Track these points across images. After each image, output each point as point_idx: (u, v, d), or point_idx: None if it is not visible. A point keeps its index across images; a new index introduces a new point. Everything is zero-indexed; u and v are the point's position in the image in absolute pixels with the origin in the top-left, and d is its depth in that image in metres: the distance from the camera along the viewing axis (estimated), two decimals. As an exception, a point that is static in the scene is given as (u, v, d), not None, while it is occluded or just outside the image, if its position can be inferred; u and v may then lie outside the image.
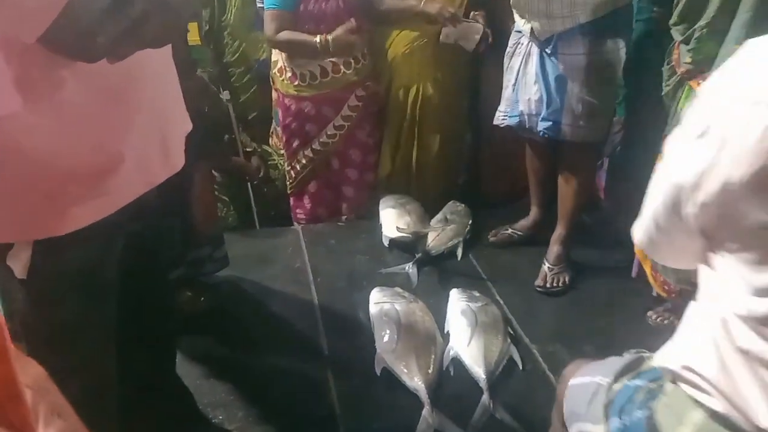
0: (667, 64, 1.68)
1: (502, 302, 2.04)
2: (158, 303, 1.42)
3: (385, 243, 2.35)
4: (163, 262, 1.53)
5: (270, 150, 2.86)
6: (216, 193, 2.87)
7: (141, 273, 1.28)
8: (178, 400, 1.52)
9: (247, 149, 2.89)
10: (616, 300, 2.04)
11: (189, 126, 1.24)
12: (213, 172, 2.80)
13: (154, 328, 1.41)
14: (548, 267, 2.13)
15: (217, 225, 2.14)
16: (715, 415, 0.74)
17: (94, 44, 0.85)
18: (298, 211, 2.64)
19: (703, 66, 1.52)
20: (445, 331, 1.85)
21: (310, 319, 1.98)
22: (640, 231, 0.88)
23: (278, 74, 2.43)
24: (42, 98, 0.89)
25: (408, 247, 2.31)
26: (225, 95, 2.93)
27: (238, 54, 2.90)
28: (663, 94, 1.72)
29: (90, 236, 1.01)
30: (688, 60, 1.55)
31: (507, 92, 2.14)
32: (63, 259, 1.02)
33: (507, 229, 2.39)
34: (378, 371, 1.69)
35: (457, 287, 2.02)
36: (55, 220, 0.97)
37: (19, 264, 0.99)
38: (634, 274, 1.94)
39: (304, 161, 2.50)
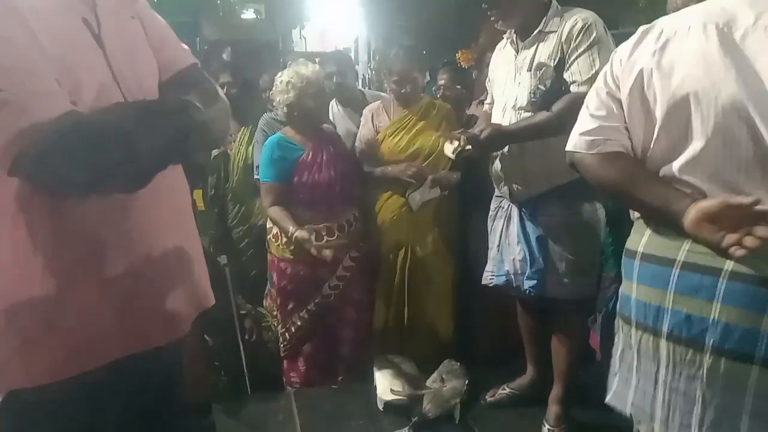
0: None
1: (503, 470, 1.93)
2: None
3: (380, 406, 2.28)
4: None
5: (264, 312, 2.87)
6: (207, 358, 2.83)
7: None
8: None
9: (242, 311, 2.90)
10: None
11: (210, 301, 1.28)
12: (205, 336, 2.79)
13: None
14: (548, 429, 2.06)
15: (205, 392, 2.09)
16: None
17: (65, 184, 0.89)
18: (292, 374, 2.59)
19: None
20: (445, 506, 1.73)
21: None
22: (578, 140, 1.24)
23: (273, 240, 2.53)
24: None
25: (404, 410, 2.24)
26: (223, 259, 3.02)
27: (238, 218, 3.04)
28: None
29: (75, 395, 0.98)
30: None
31: (492, 252, 2.22)
32: (43, 422, 0.98)
33: (504, 389, 2.33)
34: None
35: (456, 454, 1.93)
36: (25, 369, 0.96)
37: None
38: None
39: (299, 323, 2.51)
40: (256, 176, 2.70)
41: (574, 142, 1.26)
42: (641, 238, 1.18)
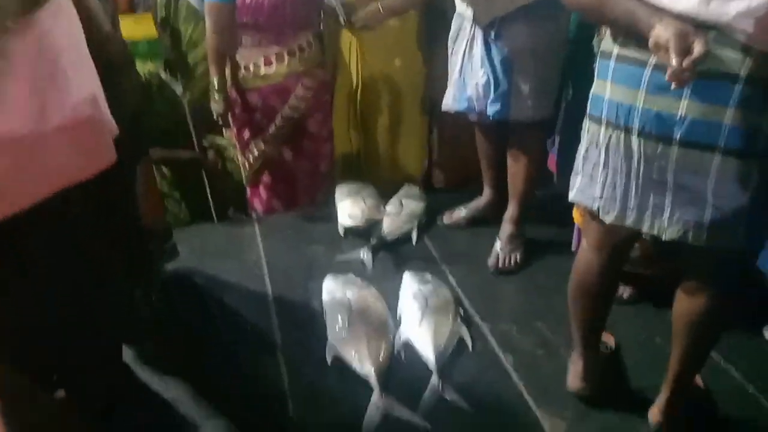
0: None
1: (455, 284, 2.05)
2: (109, 300, 1.42)
3: (341, 232, 2.35)
4: (114, 256, 1.52)
5: (226, 143, 2.83)
6: (166, 189, 2.85)
7: (93, 266, 1.28)
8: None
9: (203, 142, 2.86)
10: (568, 277, 2.06)
11: (114, 129, 1.24)
12: (163, 167, 2.78)
13: (105, 327, 1.41)
14: (500, 246, 2.15)
15: (162, 220, 2.12)
16: None
17: None
18: (255, 201, 2.62)
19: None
20: (398, 316, 1.86)
21: (264, 312, 1.97)
22: None
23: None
24: None
25: (363, 233, 2.31)
26: (178, 89, 2.89)
27: (193, 41, 2.85)
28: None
29: (38, 223, 1.03)
30: None
31: (454, 77, 2.12)
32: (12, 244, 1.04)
33: (461, 211, 2.40)
34: (329, 360, 1.70)
35: (411, 271, 2.04)
36: None
37: None
38: (574, 248, 1.96)
39: (256, 152, 2.48)
40: None
41: None
42: (617, 40, 1.22)
